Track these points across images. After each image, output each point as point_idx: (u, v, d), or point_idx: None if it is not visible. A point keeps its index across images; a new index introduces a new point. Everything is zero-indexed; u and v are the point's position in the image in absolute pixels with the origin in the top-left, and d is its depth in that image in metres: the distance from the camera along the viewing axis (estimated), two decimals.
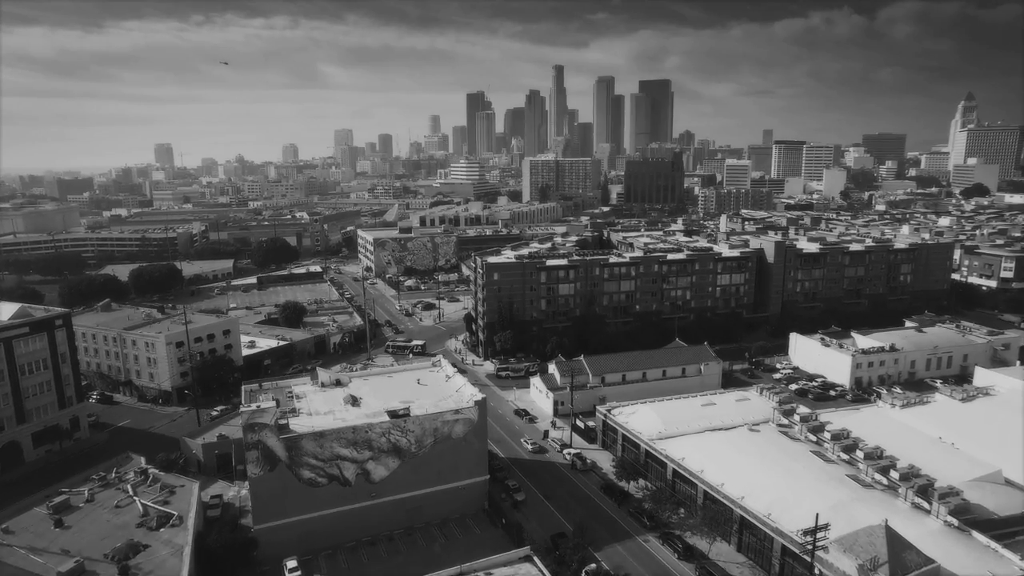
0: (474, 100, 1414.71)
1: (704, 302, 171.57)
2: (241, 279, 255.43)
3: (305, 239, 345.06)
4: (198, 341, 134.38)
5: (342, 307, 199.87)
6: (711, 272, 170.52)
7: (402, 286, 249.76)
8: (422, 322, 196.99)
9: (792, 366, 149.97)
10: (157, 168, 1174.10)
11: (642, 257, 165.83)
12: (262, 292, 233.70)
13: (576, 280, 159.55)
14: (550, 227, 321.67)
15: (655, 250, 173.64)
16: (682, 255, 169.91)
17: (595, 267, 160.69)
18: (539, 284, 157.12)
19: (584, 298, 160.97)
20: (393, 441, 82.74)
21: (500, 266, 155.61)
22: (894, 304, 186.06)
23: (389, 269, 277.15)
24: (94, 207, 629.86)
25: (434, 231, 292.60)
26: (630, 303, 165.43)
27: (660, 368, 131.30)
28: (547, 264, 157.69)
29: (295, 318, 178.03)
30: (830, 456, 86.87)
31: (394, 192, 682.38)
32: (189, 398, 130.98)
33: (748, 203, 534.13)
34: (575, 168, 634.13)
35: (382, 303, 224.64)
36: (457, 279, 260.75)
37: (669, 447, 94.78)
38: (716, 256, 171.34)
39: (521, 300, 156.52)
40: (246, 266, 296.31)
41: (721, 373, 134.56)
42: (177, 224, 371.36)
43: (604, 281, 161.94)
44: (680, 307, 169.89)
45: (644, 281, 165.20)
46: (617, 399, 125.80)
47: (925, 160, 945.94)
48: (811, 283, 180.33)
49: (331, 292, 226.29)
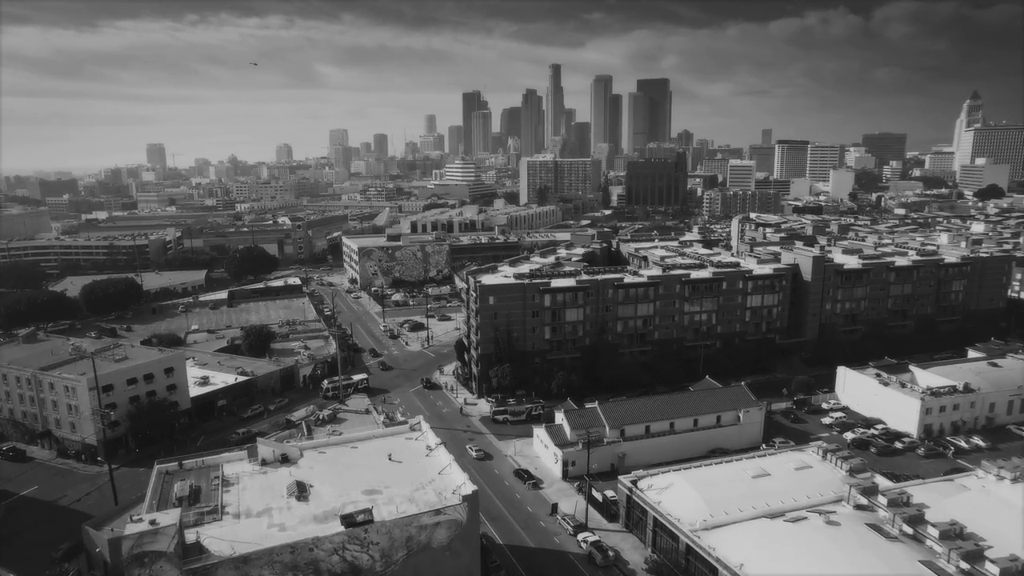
0: (470, 100, 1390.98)
1: (732, 327, 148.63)
2: (211, 293, 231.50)
3: (287, 246, 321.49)
4: (131, 384, 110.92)
5: (318, 330, 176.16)
6: (740, 292, 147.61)
7: (388, 301, 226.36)
8: (408, 346, 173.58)
9: (841, 406, 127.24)
10: (147, 169, 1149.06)
11: (662, 276, 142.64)
12: (232, 309, 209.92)
13: (585, 304, 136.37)
14: (550, 233, 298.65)
15: (674, 266, 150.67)
16: (707, 273, 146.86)
17: (608, 288, 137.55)
18: (543, 309, 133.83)
19: (595, 325, 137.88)
20: (350, 560, 59.60)
21: (497, 289, 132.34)
22: (944, 326, 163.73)
23: (376, 281, 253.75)
24: (73, 210, 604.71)
25: (425, 239, 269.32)
26: (648, 329, 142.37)
27: (690, 416, 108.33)
28: (551, 286, 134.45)
29: (260, 345, 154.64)
30: (948, 570, 63.95)
31: (387, 194, 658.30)
32: (121, 453, 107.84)
33: (755, 205, 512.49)
34: (574, 169, 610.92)
35: (365, 322, 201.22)
36: (450, 292, 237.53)
37: (720, 544, 71.75)
38: (746, 274, 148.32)
39: (521, 328, 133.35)
40: (222, 277, 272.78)
41: (763, 421, 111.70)
42: (151, 230, 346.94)
43: (618, 304, 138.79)
44: (704, 333, 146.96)
45: (664, 304, 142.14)
46: (641, 457, 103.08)
47: (929, 160, 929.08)
48: (852, 303, 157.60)
49: (307, 310, 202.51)
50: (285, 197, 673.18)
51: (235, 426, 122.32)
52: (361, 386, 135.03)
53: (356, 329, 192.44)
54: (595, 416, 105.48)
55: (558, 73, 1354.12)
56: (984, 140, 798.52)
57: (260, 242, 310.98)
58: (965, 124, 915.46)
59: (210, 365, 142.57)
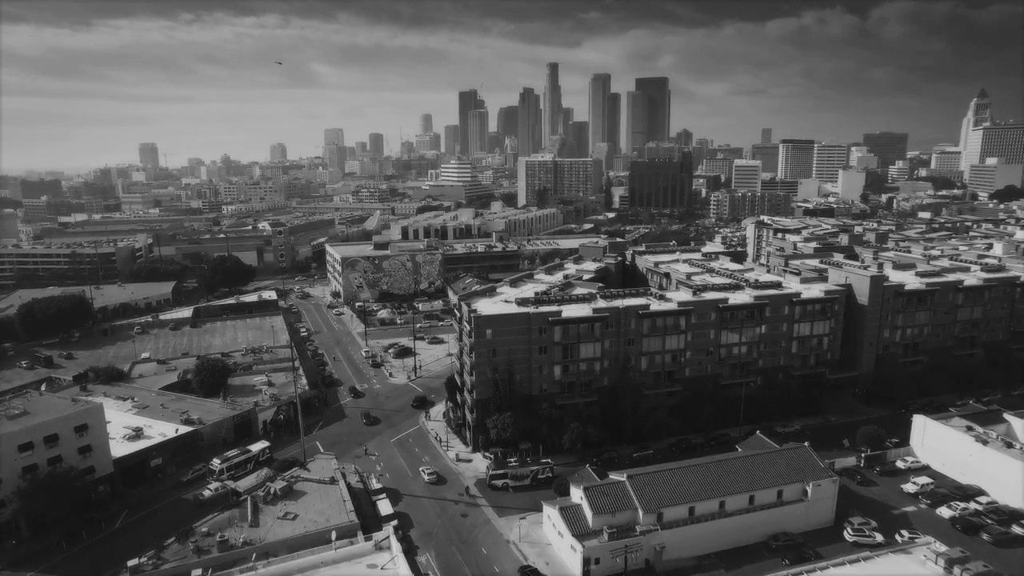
0: (466, 98, 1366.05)
1: (775, 360, 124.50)
2: (174, 311, 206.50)
3: (267, 254, 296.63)
4: (25, 451, 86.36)
5: (288, 359, 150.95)
6: (786, 319, 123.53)
7: (372, 318, 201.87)
8: (392, 378, 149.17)
9: (921, 464, 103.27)
10: (138, 169, 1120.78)
11: (695, 301, 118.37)
12: (196, 330, 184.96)
13: (603, 337, 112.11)
14: (552, 241, 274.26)
15: (704, 287, 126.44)
16: (747, 297, 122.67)
17: (631, 318, 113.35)
18: (552, 344, 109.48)
19: (615, 362, 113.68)
20: None
21: (497, 320, 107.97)
22: (1018, 354, 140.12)
23: (361, 294, 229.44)
24: (52, 212, 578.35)
25: (415, 247, 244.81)
26: (677, 366, 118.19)
27: (745, 492, 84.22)
28: (563, 316, 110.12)
29: (214, 383, 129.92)
30: None
31: (380, 195, 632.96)
32: (8, 547, 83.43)
33: (764, 208, 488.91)
34: (575, 169, 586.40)
35: (346, 345, 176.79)
36: (442, 308, 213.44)
37: None
38: (793, 298, 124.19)
39: (526, 367, 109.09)
40: (194, 288, 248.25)
41: (836, 496, 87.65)
42: (123, 235, 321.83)
43: (643, 337, 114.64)
44: (743, 368, 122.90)
45: (697, 335, 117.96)
46: (683, 548, 79.35)
47: (935, 160, 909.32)
48: (914, 330, 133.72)
49: (279, 332, 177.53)
50: (274, 199, 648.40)
51: (172, 492, 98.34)
52: (263, 458, 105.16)
53: (335, 353, 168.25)
54: (623, 494, 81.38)
55: (555, 72, 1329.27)
56: (991, 140, 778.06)
57: (238, 249, 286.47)
58: (972, 123, 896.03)
59: (151, 409, 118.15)
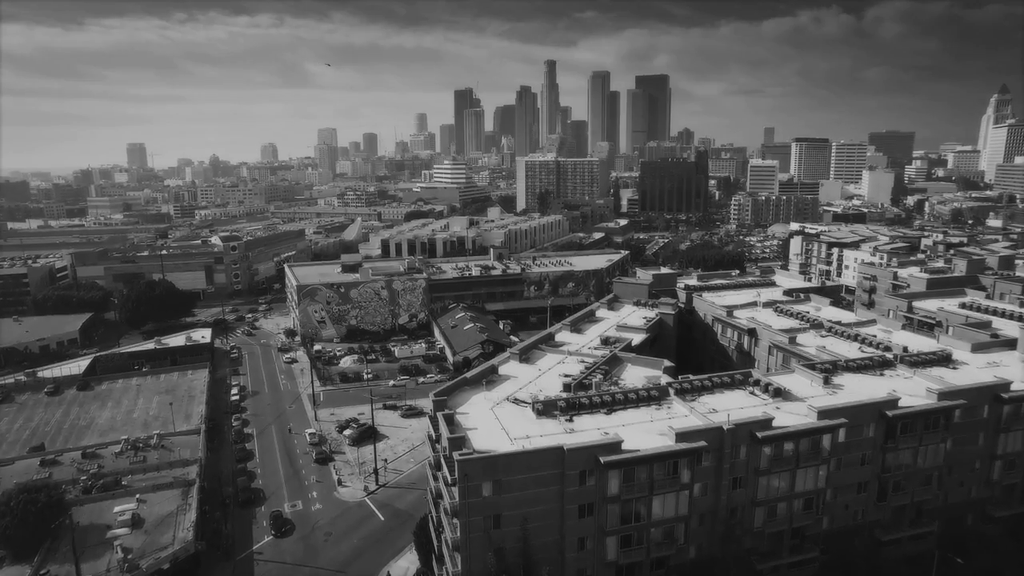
0: (462, 97, 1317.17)
1: (963, 493, 75.33)
2: (70, 361, 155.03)
3: (218, 274, 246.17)
4: None
5: (186, 460, 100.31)
6: (983, 427, 74.14)
7: (333, 370, 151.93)
8: (340, 489, 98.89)
9: None
10: (122, 170, 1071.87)
11: (848, 407, 68.64)
12: (84, 394, 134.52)
13: (695, 480, 62.67)
14: (563, 259, 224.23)
15: (836, 365, 77.25)
16: (927, 395, 73.10)
17: (740, 444, 63.70)
18: (603, 501, 60.02)
19: (712, 522, 64.27)
20: None
21: (502, 466, 58.14)
22: None
23: (323, 331, 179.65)
24: (6, 217, 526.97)
25: (393, 268, 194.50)
26: (812, 519, 68.72)
27: None
28: (625, 451, 60.35)
29: (35, 530, 79.32)
30: None
31: (367, 199, 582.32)
32: None
33: (790, 213, 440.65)
34: (578, 170, 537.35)
35: (289, 418, 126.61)
36: (426, 351, 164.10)
37: None
38: (1002, 392, 74.51)
39: (556, 541, 59.57)
40: (116, 322, 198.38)
41: None
42: (50, 250, 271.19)
43: (758, 476, 65.13)
44: (912, 511, 73.52)
45: (845, 464, 68.58)
46: None
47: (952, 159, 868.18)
48: None
49: (195, 401, 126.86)
50: (254, 202, 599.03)
51: None
52: None
53: (268, 438, 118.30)
54: None
55: (553, 70, 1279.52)
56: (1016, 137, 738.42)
57: (182, 269, 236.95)
58: (993, 120, 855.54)
59: None
